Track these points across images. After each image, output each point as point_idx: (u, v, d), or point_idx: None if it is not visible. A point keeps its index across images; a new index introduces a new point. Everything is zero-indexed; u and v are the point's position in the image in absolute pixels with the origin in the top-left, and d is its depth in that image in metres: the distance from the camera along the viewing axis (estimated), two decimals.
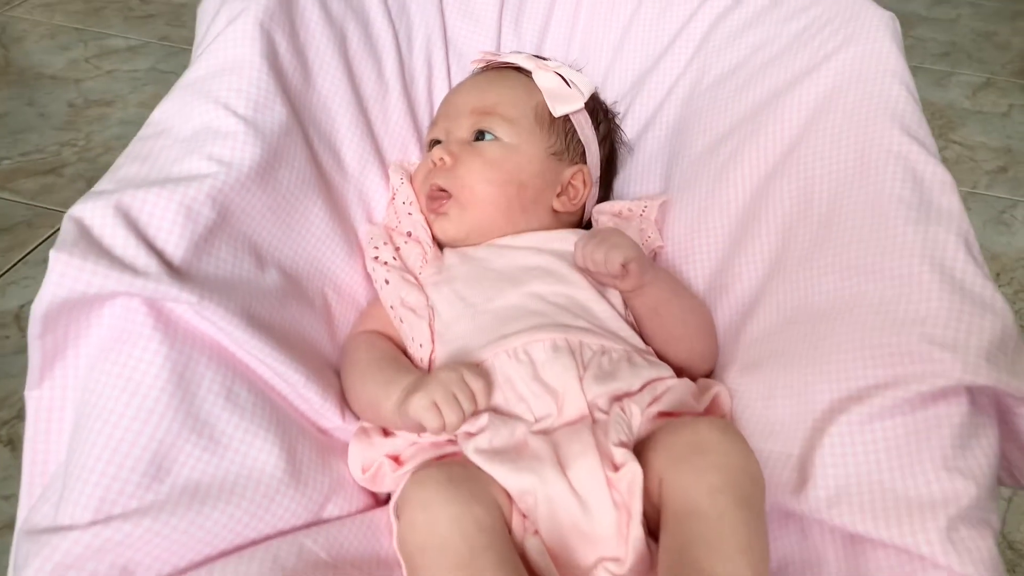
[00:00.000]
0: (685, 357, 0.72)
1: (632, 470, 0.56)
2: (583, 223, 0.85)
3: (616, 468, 0.57)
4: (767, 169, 0.75)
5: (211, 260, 0.59)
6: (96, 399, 0.53)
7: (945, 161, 1.90)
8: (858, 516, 0.56)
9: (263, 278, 0.63)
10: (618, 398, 0.64)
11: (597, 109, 0.85)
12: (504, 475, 0.57)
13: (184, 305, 0.55)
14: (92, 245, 0.52)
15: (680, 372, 0.72)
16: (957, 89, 1.98)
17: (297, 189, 0.68)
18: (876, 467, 0.57)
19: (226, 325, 0.57)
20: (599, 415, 0.63)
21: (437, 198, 0.77)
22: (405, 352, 0.72)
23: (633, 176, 0.89)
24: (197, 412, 0.55)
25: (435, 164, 0.77)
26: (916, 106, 0.70)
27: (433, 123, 0.84)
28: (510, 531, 0.57)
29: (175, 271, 0.56)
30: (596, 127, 0.84)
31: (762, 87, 0.79)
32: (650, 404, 0.64)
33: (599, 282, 0.72)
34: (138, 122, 1.54)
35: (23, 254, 1.23)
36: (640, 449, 0.60)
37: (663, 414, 0.65)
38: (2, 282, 1.18)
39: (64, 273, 0.50)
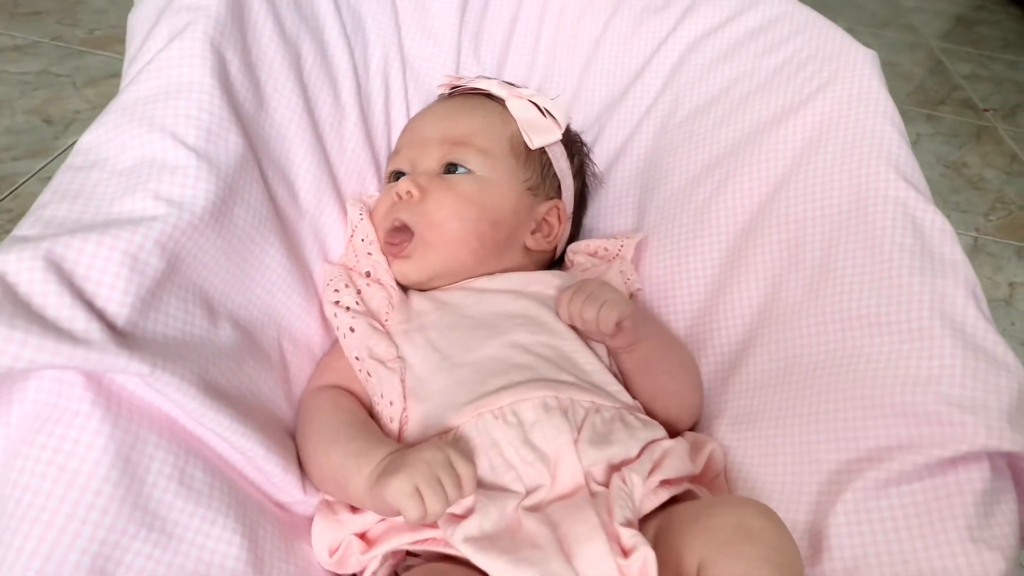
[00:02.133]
0: (675, 412, 0.67)
1: (644, 556, 0.50)
2: (555, 260, 0.80)
3: (625, 552, 0.51)
4: (752, 210, 0.72)
5: (159, 318, 0.50)
6: (20, 493, 0.44)
7: None
8: None
9: (217, 335, 0.55)
10: (615, 466, 0.58)
11: (572, 140, 0.79)
12: (502, 570, 0.50)
13: (132, 376, 0.46)
14: (19, 307, 0.43)
15: (665, 425, 0.67)
16: None
17: (252, 229, 0.59)
18: (895, 536, 0.54)
19: (180, 397, 0.48)
20: (595, 487, 0.57)
21: (398, 238, 0.70)
22: (371, 410, 0.64)
23: (603, 211, 0.83)
24: (146, 502, 0.47)
25: (400, 197, 0.70)
26: (909, 149, 0.67)
27: (395, 152, 0.76)
28: None
29: (120, 335, 0.46)
30: (571, 159, 0.78)
31: (742, 123, 0.76)
32: (651, 472, 0.58)
33: (587, 336, 0.66)
34: (28, 131, 1.40)
35: None
36: (664, 525, 0.54)
37: (664, 482, 0.60)
38: None
39: None
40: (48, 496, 0.44)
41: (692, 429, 0.70)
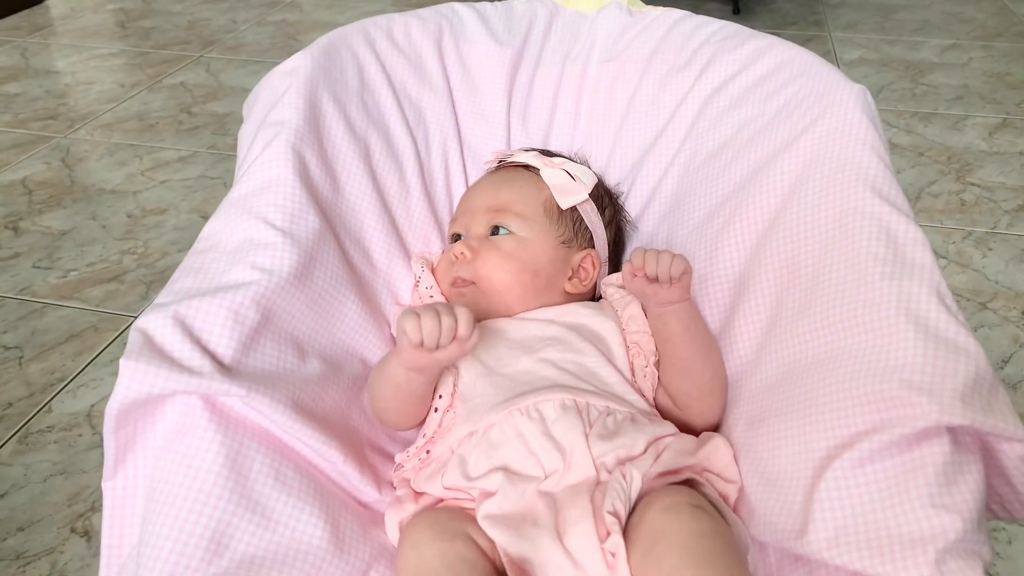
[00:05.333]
0: (695, 395, 0.77)
1: (615, 543, 0.61)
2: (594, 297, 0.92)
3: (609, 535, 0.62)
4: (757, 236, 0.82)
5: (257, 356, 0.67)
6: (162, 485, 0.61)
7: (964, 203, 1.94)
8: (855, 555, 0.60)
9: (304, 368, 0.71)
10: (623, 461, 0.69)
11: (602, 196, 0.93)
12: (506, 541, 0.63)
13: (234, 398, 0.63)
14: (155, 352, 0.61)
15: (686, 427, 0.77)
16: (973, 131, 2.02)
17: (331, 286, 0.76)
18: (870, 508, 0.62)
19: (272, 413, 0.64)
20: (605, 476, 0.68)
21: (462, 285, 0.85)
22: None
23: None
24: (250, 492, 0.63)
25: (456, 257, 0.86)
26: (888, 170, 0.75)
27: (453, 219, 0.92)
28: (496, 569, 0.64)
29: (226, 369, 0.64)
30: (602, 212, 0.91)
31: (748, 161, 0.86)
32: (652, 467, 0.69)
33: (642, 294, 0.79)
34: (190, 227, 1.68)
35: (91, 357, 1.34)
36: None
37: (663, 473, 0.70)
38: (73, 384, 1.29)
39: (133, 378, 0.59)
40: (180, 486, 0.60)
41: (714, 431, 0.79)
